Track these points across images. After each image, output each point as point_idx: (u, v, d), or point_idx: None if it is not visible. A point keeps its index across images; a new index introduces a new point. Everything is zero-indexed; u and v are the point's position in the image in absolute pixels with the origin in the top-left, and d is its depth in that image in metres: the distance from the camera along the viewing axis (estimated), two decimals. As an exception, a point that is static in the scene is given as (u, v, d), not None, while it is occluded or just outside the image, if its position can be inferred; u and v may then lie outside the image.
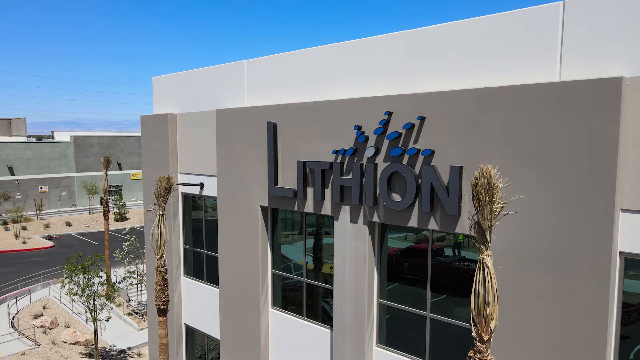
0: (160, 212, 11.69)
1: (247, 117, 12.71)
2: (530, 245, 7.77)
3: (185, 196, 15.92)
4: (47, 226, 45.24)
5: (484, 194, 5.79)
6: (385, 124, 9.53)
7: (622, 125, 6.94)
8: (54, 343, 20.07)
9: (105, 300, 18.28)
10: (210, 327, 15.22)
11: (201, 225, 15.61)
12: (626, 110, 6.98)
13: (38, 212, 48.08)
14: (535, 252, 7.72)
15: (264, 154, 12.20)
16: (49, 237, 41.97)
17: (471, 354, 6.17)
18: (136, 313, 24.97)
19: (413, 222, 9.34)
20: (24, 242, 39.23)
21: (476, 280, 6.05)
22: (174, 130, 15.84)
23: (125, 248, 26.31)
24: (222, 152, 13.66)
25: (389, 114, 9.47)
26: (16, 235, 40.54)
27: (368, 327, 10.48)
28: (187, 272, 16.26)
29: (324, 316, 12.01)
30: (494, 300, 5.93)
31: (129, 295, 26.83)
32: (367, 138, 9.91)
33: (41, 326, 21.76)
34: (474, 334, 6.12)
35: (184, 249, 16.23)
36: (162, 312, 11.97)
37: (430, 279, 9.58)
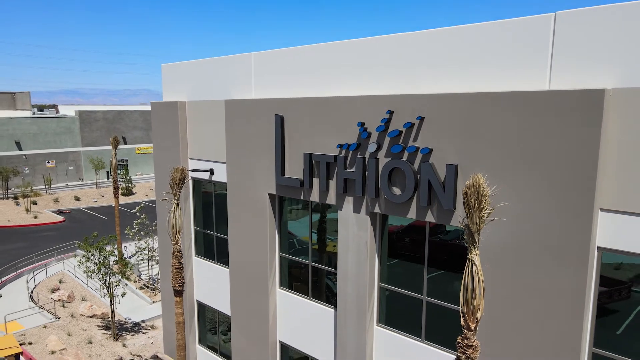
0: (175, 201, 12.44)
1: (255, 108, 13.30)
2: (517, 239, 8.51)
3: (195, 180, 16.66)
4: (56, 201, 46.32)
5: (473, 202, 6.50)
6: (387, 122, 10.16)
7: (603, 133, 7.57)
8: (72, 316, 21.26)
9: (120, 277, 19.31)
10: (221, 303, 16.22)
11: (211, 208, 16.41)
12: (608, 118, 7.59)
13: (47, 186, 49.03)
14: (522, 245, 8.47)
15: (271, 144, 12.85)
16: (59, 212, 43.08)
17: (459, 340, 7.01)
18: (147, 287, 26.13)
19: (412, 214, 10.07)
20: (35, 217, 40.38)
21: (465, 276, 6.82)
22: (184, 117, 16.44)
23: (136, 225, 27.28)
24: (231, 141, 14.31)
25: (391, 112, 10.07)
26: (27, 210, 41.63)
27: (369, 308, 11.37)
28: (198, 252, 17.17)
29: (328, 293, 12.90)
30: (481, 293, 6.72)
31: (140, 270, 27.96)
32: (369, 134, 10.55)
33: (59, 300, 22.94)
34: (462, 322, 6.94)
35: (195, 230, 17.08)
36: (179, 292, 12.89)
37: (429, 257, 10.39)
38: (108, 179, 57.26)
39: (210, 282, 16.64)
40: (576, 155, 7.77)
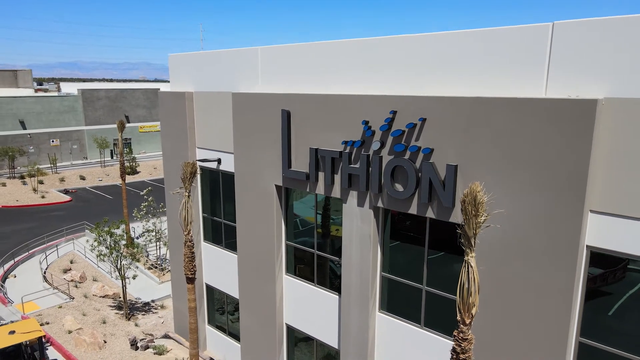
0: (187, 194, 12.99)
1: (262, 102, 13.69)
2: (512, 236, 9.06)
3: (203, 169, 17.16)
4: (62, 180, 46.94)
5: (470, 209, 7.02)
6: (390, 121, 10.59)
7: (594, 140, 8.03)
8: (85, 296, 22.10)
9: (131, 260, 20.03)
10: (229, 286, 16.96)
11: (218, 196, 16.96)
12: (599, 127, 8.04)
13: (52, 165, 49.58)
14: (516, 242, 9.03)
15: (278, 137, 13.30)
16: (66, 192, 43.74)
17: (455, 333, 7.65)
18: (155, 267, 26.93)
19: (413, 210, 10.61)
20: (42, 197, 41.07)
21: (461, 275, 7.40)
22: (191, 107, 16.82)
23: (144, 208, 27.92)
24: (238, 133, 14.75)
25: (394, 112, 10.50)
26: (34, 190, 42.28)
27: (372, 295, 12.04)
28: (207, 238, 17.81)
29: (332, 275, 13.55)
30: (476, 292, 7.31)
31: (148, 250, 28.75)
32: (373, 133, 10.99)
33: (72, 280, 23.77)
34: (458, 317, 7.55)
35: (203, 217, 17.68)
36: (191, 280, 13.56)
37: (429, 240, 10.99)
38: (112, 157, 57.76)
39: (218, 267, 17.34)
40: (569, 160, 8.24)
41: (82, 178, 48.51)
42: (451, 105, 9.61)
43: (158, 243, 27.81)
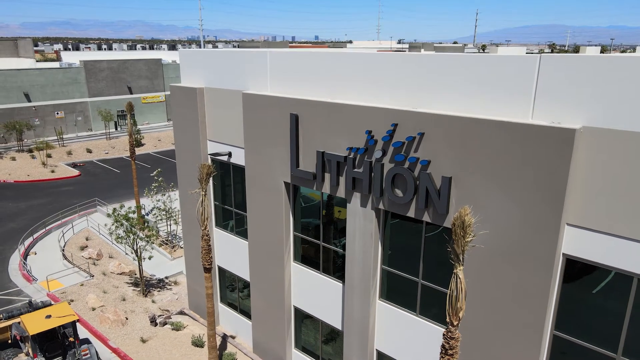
0: (203, 193, 14.08)
1: (271, 104, 14.58)
2: (498, 242, 10.21)
3: (214, 160, 18.17)
4: (69, 153, 47.90)
5: (459, 232, 8.14)
6: (392, 133, 11.55)
7: (572, 163, 9.04)
8: (104, 274, 23.56)
9: (147, 242, 21.32)
10: (240, 269, 18.32)
11: (229, 185, 18.05)
12: (577, 152, 9.04)
13: (59, 138, 50.42)
14: (502, 248, 10.19)
15: (286, 138, 14.26)
16: (74, 165, 44.79)
17: (445, 333, 8.92)
18: (166, 243, 28.36)
19: (411, 213, 11.73)
20: (52, 171, 42.16)
21: (451, 284, 8.60)
22: (202, 102, 17.66)
23: (154, 188, 29.09)
24: (248, 130, 15.69)
25: (395, 125, 11.45)
26: (43, 164, 43.33)
27: (372, 285, 13.34)
28: (218, 224, 19.03)
29: (337, 259, 14.73)
30: (463, 299, 8.53)
31: (158, 226, 30.10)
32: (376, 142, 11.97)
33: (89, 258, 25.20)
34: (447, 319, 8.81)
35: (215, 205, 18.84)
36: (208, 270, 14.85)
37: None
38: (116, 129, 58.44)
39: (229, 250, 18.64)
40: (550, 179, 9.28)
41: (89, 151, 49.45)
42: (448, 122, 10.55)
43: (169, 221, 29.12)
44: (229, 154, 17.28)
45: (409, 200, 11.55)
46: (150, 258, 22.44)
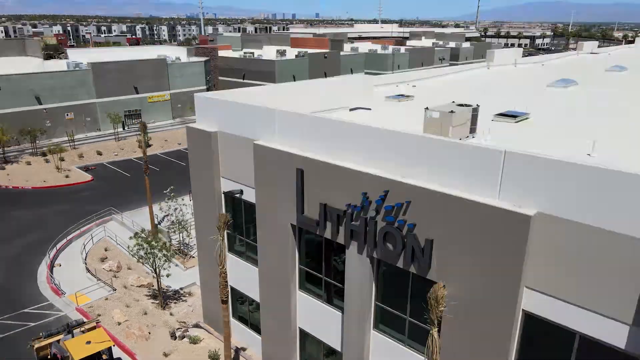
0: (221, 239, 16.20)
1: (280, 157, 16.57)
2: (469, 298, 12.34)
3: (226, 195, 20.21)
4: (80, 156, 49.92)
5: (433, 303, 10.29)
6: (384, 197, 13.59)
7: (529, 241, 11.10)
8: (125, 287, 25.87)
9: (164, 261, 23.56)
10: (250, 290, 20.53)
11: (241, 216, 20.11)
12: (532, 232, 11.08)
13: (70, 139, 52.37)
14: (472, 303, 12.33)
15: (292, 187, 16.29)
16: (86, 169, 46.87)
17: (423, 378, 11.14)
18: (179, 253, 30.59)
19: (400, 264, 13.85)
20: (67, 176, 44.24)
21: (428, 341, 10.79)
22: (216, 144, 19.61)
23: (167, 206, 31.35)
24: (259, 175, 17.72)
25: (386, 192, 13.48)
26: (58, 168, 45.40)
27: (367, 318, 15.55)
28: (230, 249, 21.21)
29: (334, 272, 16.82)
30: (437, 352, 10.73)
31: (170, 236, 32.32)
32: (370, 202, 14.02)
33: (110, 270, 27.52)
34: (425, 368, 11.01)
35: (227, 233, 20.97)
36: (225, 302, 17.07)
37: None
38: (123, 128, 60.28)
39: (240, 273, 20.83)
40: (511, 251, 11.36)
41: (99, 153, 51.44)
42: (430, 195, 12.59)
43: (182, 233, 31.36)
44: (241, 192, 19.32)
45: (398, 253, 13.68)
46: (168, 276, 24.69)
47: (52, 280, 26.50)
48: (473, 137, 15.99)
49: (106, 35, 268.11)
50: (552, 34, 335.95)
